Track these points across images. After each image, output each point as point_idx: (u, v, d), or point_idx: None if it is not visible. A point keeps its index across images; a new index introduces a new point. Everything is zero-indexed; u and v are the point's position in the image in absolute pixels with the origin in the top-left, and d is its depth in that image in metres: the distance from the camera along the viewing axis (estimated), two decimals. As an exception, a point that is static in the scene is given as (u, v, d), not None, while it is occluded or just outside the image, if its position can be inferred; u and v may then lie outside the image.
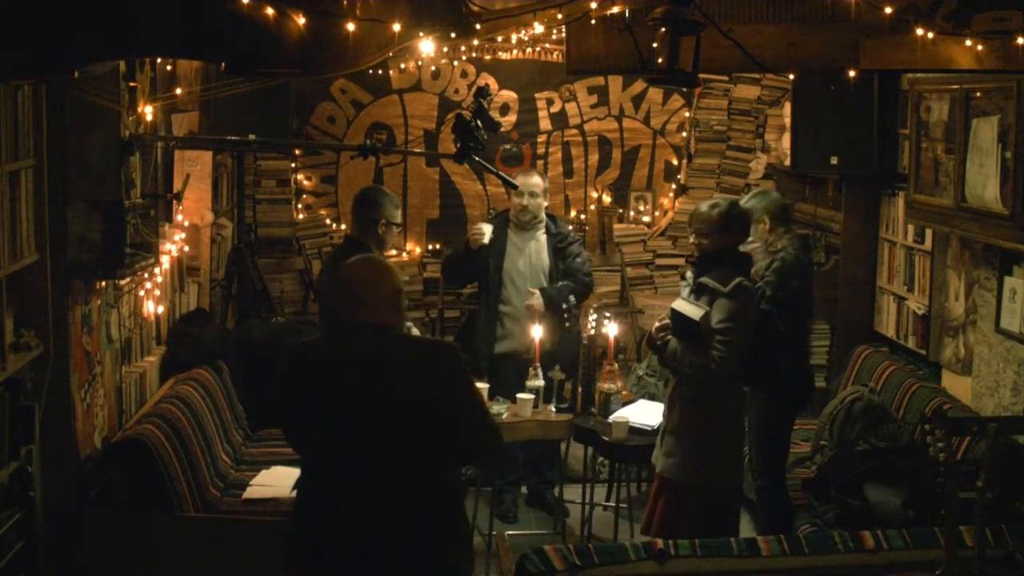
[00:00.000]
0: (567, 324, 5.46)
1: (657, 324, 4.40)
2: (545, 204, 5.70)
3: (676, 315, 4.26)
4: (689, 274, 4.42)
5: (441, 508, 3.04)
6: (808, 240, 4.88)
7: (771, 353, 4.40)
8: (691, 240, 4.42)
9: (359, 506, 2.95)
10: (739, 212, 4.33)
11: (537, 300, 5.44)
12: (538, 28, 4.09)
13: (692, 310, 4.20)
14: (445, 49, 6.17)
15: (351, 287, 3.06)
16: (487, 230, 5.55)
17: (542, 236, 5.67)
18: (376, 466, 2.96)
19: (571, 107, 6.88)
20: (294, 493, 3.20)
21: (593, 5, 3.41)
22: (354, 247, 4.71)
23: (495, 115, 5.74)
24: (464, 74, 6.73)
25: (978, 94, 4.68)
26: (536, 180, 5.61)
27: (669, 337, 4.29)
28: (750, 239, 4.58)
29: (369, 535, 2.95)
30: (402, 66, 6.59)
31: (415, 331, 4.98)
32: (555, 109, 6.86)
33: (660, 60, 3.30)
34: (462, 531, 3.12)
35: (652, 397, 5.52)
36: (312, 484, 3.10)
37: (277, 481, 4.65)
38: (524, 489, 5.84)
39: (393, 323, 3.07)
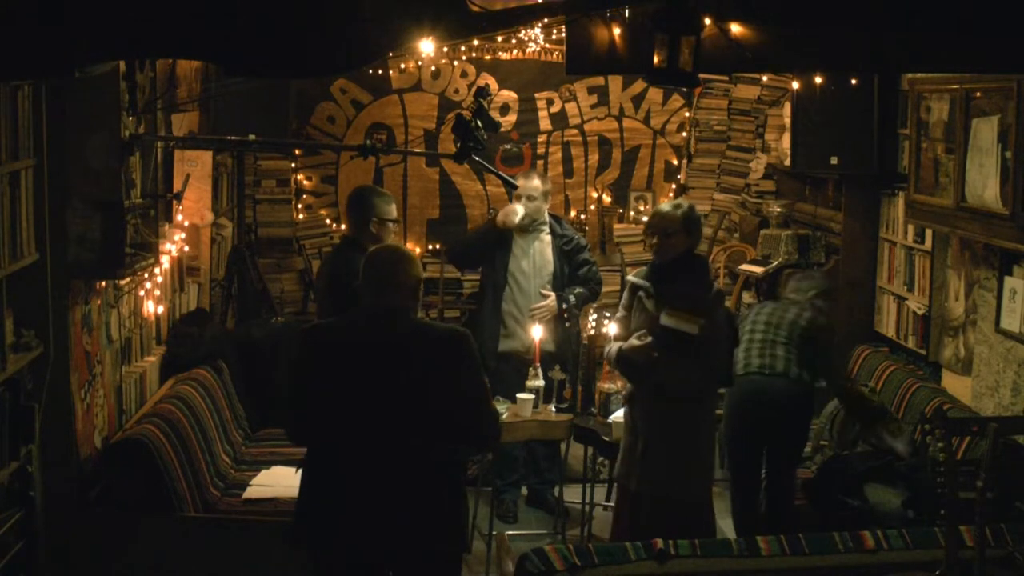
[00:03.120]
0: (567, 324, 5.47)
1: (636, 343, 4.13)
2: (546, 206, 5.70)
3: (667, 331, 3.99)
4: (638, 281, 4.25)
5: (442, 484, 3.25)
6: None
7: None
8: (653, 241, 4.22)
9: (368, 482, 3.16)
10: (697, 215, 4.33)
11: (551, 303, 5.47)
12: (538, 28, 4.08)
13: (685, 324, 3.97)
14: (445, 49, 6.17)
15: (375, 273, 3.26)
16: (520, 210, 5.57)
17: (546, 237, 5.68)
18: (386, 444, 3.15)
19: (571, 107, 6.87)
20: (299, 473, 3.34)
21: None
22: (352, 247, 4.70)
23: (495, 115, 5.76)
24: (464, 74, 6.72)
25: (978, 94, 4.68)
26: (535, 183, 5.61)
27: (655, 354, 4.07)
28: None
29: (376, 507, 3.16)
30: (402, 66, 6.59)
31: None
32: (555, 109, 6.85)
33: (660, 60, 3.31)
34: (461, 508, 3.33)
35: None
36: (320, 464, 3.27)
37: (277, 481, 4.65)
38: (524, 489, 5.84)
39: (410, 309, 3.28)
